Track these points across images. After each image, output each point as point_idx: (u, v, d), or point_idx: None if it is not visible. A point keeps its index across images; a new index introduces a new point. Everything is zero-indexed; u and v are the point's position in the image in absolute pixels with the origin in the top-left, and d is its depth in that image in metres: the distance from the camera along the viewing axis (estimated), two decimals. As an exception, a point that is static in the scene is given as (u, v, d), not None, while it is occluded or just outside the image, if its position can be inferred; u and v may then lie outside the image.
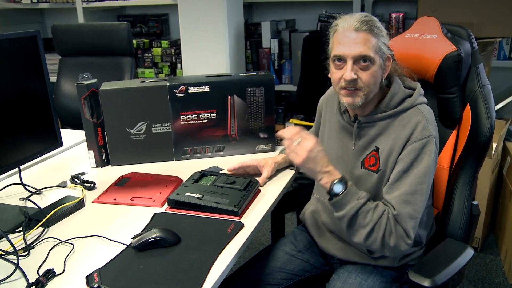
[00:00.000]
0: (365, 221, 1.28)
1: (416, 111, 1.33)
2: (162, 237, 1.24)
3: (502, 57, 3.02)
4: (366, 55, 1.27)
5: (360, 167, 1.40)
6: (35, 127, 1.58)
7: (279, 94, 3.55)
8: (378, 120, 1.37)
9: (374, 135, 1.37)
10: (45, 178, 1.72)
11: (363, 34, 1.28)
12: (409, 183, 1.28)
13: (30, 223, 1.36)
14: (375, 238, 1.28)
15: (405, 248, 1.28)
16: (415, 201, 1.27)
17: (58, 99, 2.91)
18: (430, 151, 1.29)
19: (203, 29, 2.95)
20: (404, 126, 1.32)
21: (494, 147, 2.53)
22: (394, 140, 1.32)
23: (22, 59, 1.50)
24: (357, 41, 1.28)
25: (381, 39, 1.31)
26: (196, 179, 1.58)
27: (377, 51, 1.29)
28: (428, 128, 1.30)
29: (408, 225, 1.27)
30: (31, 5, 3.84)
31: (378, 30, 1.31)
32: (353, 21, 1.29)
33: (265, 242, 2.87)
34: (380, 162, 1.35)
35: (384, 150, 1.34)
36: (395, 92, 1.36)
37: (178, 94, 1.77)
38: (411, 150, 1.29)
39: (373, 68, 1.29)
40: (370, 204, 1.30)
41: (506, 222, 2.57)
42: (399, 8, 3.20)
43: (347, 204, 1.29)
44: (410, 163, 1.29)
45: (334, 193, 1.30)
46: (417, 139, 1.29)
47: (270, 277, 1.53)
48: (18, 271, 1.14)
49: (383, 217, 1.28)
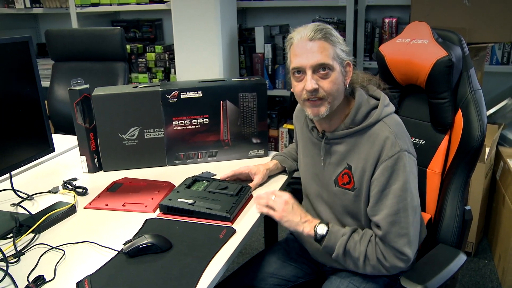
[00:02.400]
0: (355, 254, 1.31)
1: (383, 126, 1.31)
2: (153, 243, 1.23)
3: (495, 62, 3.03)
4: (324, 63, 1.27)
5: (334, 185, 1.39)
6: (27, 132, 1.57)
7: (273, 99, 3.55)
8: (345, 136, 1.35)
9: (344, 152, 1.36)
10: (36, 184, 1.71)
11: (319, 42, 1.27)
12: (389, 204, 1.27)
13: (20, 229, 1.35)
14: (373, 266, 1.31)
15: (405, 264, 1.29)
16: (399, 220, 1.27)
17: (52, 104, 2.90)
18: (403, 165, 1.27)
19: (197, 34, 2.96)
20: (373, 143, 1.30)
21: (487, 152, 2.54)
22: (365, 159, 1.31)
23: (13, 64, 1.49)
24: (314, 50, 1.27)
25: (337, 46, 1.29)
26: (188, 184, 1.58)
27: (335, 57, 1.28)
28: (397, 144, 1.27)
29: (398, 243, 1.27)
30: (25, 10, 3.83)
31: (334, 37, 1.29)
32: (307, 31, 1.28)
33: (259, 248, 2.86)
34: (355, 181, 1.34)
35: (357, 169, 1.33)
36: (359, 106, 1.34)
37: (170, 99, 1.77)
38: (383, 169, 1.27)
39: (333, 75, 1.29)
40: (355, 236, 1.33)
41: (500, 226, 2.57)
42: (392, 13, 3.21)
43: (335, 244, 1.33)
44: (385, 182, 1.27)
45: (320, 236, 1.34)
46: (388, 156, 1.27)
47: (263, 282, 1.52)
48: (8, 278, 1.13)
49: (370, 245, 1.31)
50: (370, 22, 3.18)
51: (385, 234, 1.28)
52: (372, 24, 3.18)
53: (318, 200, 1.47)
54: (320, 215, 1.47)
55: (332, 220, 1.43)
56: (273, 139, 3.49)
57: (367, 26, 3.17)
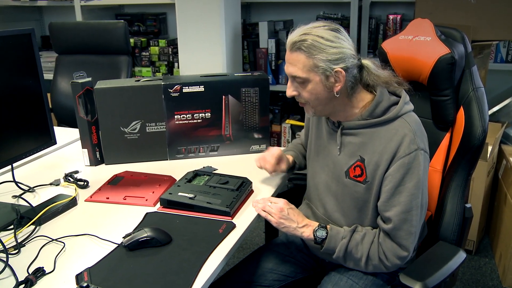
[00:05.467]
0: (357, 255, 1.34)
1: (403, 123, 1.30)
2: (153, 236, 1.23)
3: (499, 60, 3.02)
4: (296, 76, 1.30)
5: (345, 176, 1.38)
6: (29, 124, 1.57)
7: (276, 94, 3.54)
8: (362, 128, 1.34)
9: (359, 144, 1.35)
10: (38, 176, 1.72)
11: (295, 54, 1.28)
12: (403, 201, 1.27)
13: (21, 221, 1.36)
14: (374, 265, 1.33)
15: (405, 260, 1.32)
16: (411, 218, 1.28)
17: (55, 97, 2.91)
18: (419, 164, 1.27)
19: (201, 29, 2.95)
20: (390, 139, 1.29)
21: (490, 150, 2.53)
22: (381, 153, 1.30)
23: (16, 57, 1.49)
24: (290, 61, 1.30)
25: (318, 56, 1.25)
26: (189, 178, 1.58)
27: (311, 69, 1.27)
28: (415, 141, 1.27)
29: (407, 241, 1.29)
30: (29, 3, 3.83)
31: (312, 48, 1.25)
32: (289, 40, 1.30)
33: (260, 243, 2.87)
34: (367, 174, 1.33)
35: (370, 163, 1.32)
36: (379, 100, 1.33)
37: (172, 93, 1.77)
38: (400, 165, 1.27)
39: (310, 86, 1.30)
40: (356, 237, 1.35)
41: (501, 225, 2.57)
42: (396, 10, 3.20)
43: (335, 247, 1.35)
44: (401, 179, 1.27)
45: (320, 239, 1.36)
46: (405, 153, 1.26)
47: (262, 278, 1.53)
48: (8, 269, 1.14)
49: (373, 246, 1.33)
50: (374, 18, 3.16)
51: (395, 230, 1.29)
52: (376, 20, 3.17)
53: (326, 191, 1.45)
54: (326, 206, 1.46)
55: (338, 212, 1.42)
56: (276, 134, 3.49)
57: (371, 22, 3.16)
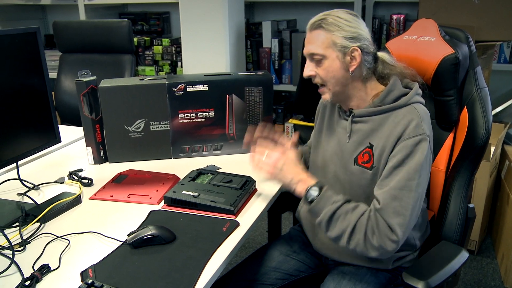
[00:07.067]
0: (343, 224, 1.27)
1: (411, 109, 1.31)
2: (157, 234, 1.24)
3: (503, 61, 3.01)
4: (313, 53, 1.33)
5: (353, 163, 1.38)
6: (34, 122, 1.58)
7: (279, 94, 3.55)
8: (372, 115, 1.36)
9: (368, 131, 1.36)
10: (42, 174, 1.73)
11: (315, 32, 1.33)
12: (398, 178, 1.25)
13: (26, 218, 1.37)
14: (358, 240, 1.25)
15: (392, 247, 1.23)
16: (402, 197, 1.24)
17: (59, 95, 2.92)
18: (423, 149, 1.26)
19: (204, 28, 2.96)
20: (398, 123, 1.30)
21: (493, 151, 2.53)
22: (387, 137, 1.31)
23: (21, 55, 1.50)
24: (309, 40, 1.35)
25: (336, 33, 1.30)
26: (193, 177, 1.59)
27: (329, 45, 1.31)
28: (421, 126, 1.27)
29: (393, 220, 1.22)
30: (33, 1, 3.84)
31: (332, 25, 1.31)
32: (310, 22, 1.35)
33: (262, 242, 2.87)
34: (374, 159, 1.33)
35: (377, 147, 1.33)
36: (391, 89, 1.35)
37: (176, 92, 1.78)
38: (403, 146, 1.27)
39: (326, 63, 1.32)
40: (347, 205, 1.29)
41: (503, 225, 2.57)
42: (400, 10, 3.20)
43: (322, 209, 1.30)
44: (402, 160, 1.26)
45: (310, 199, 1.32)
46: (410, 136, 1.26)
47: (266, 276, 1.53)
48: (14, 265, 1.15)
49: (363, 217, 1.26)
50: (377, 18, 3.16)
51: (384, 207, 1.24)
52: (380, 20, 3.17)
53: (335, 180, 1.44)
54: None
55: None
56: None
57: (374, 22, 3.16)
